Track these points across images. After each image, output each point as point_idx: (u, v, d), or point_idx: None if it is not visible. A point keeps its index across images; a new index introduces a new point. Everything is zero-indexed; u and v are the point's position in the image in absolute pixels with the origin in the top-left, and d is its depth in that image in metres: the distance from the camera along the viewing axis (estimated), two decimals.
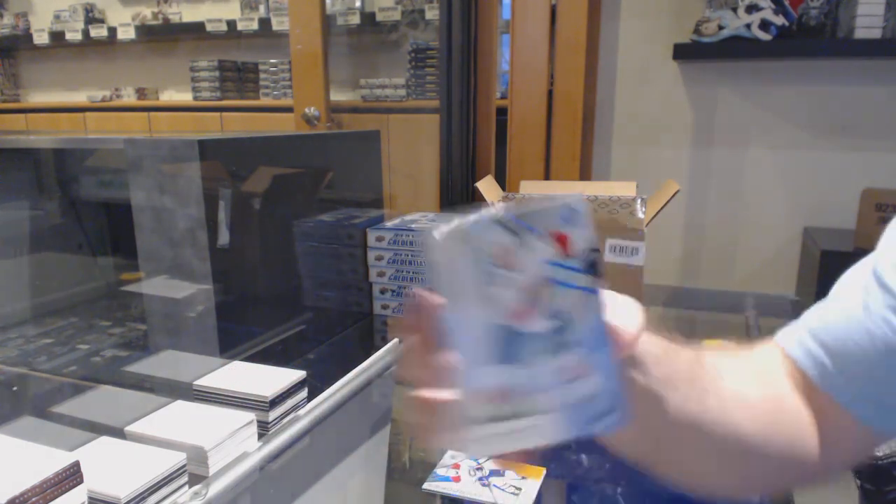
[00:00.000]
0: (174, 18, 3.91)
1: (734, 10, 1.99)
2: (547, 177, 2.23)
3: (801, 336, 0.61)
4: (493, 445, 0.40)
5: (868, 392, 0.56)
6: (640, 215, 1.28)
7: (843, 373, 0.57)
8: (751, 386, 0.57)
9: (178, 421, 0.90)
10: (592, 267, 0.40)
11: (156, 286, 1.22)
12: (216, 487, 0.83)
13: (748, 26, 1.96)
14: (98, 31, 3.94)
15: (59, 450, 0.74)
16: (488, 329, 0.39)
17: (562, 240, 0.40)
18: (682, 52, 2.09)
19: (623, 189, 1.39)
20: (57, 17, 4.09)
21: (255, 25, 3.59)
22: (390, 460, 1.00)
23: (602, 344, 0.41)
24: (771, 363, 0.61)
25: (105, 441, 0.85)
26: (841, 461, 0.61)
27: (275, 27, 3.52)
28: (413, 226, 1.46)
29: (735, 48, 2.01)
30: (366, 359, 1.14)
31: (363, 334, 1.46)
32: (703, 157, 2.21)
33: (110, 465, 0.79)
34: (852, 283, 0.61)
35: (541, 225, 0.40)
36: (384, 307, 1.48)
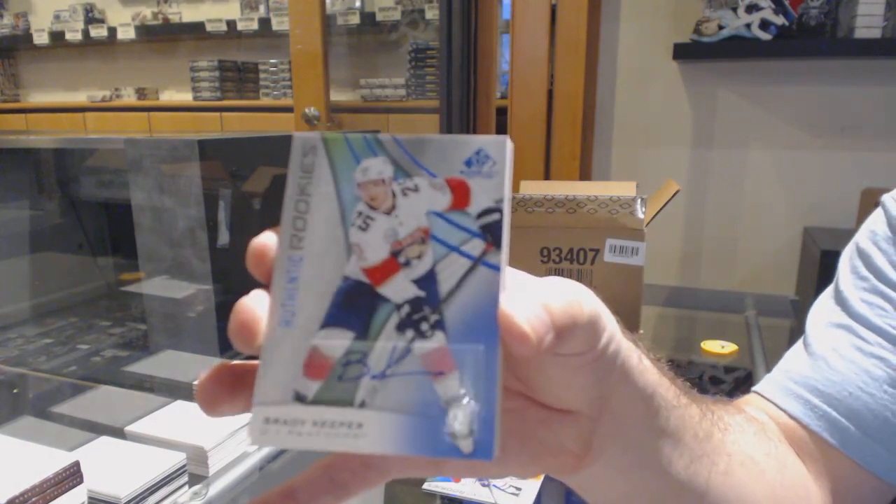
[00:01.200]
0: (174, 18, 3.90)
1: (734, 9, 1.98)
2: (547, 176, 2.23)
3: (793, 388, 0.59)
4: (287, 437, 0.29)
5: (882, 441, 0.55)
6: (640, 215, 1.28)
7: (854, 425, 0.56)
8: (756, 445, 0.52)
9: (178, 421, 0.90)
10: (487, 231, 0.30)
11: (156, 286, 1.22)
12: (216, 487, 0.83)
13: (748, 26, 1.96)
14: (98, 31, 3.94)
15: (59, 450, 0.75)
16: (331, 279, 0.30)
17: (460, 189, 0.31)
18: (682, 52, 2.09)
19: (623, 189, 1.39)
20: (57, 17, 4.09)
21: (255, 25, 3.58)
22: None
23: (481, 336, 0.29)
24: (761, 418, 0.58)
25: (105, 441, 0.85)
26: None
27: (275, 27, 3.52)
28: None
29: (735, 48, 2.01)
30: None
31: None
32: (703, 157, 2.21)
33: (110, 464, 0.79)
34: (828, 323, 0.61)
35: (439, 167, 0.31)
36: None
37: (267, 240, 0.31)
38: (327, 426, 0.28)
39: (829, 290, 0.65)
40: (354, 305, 0.30)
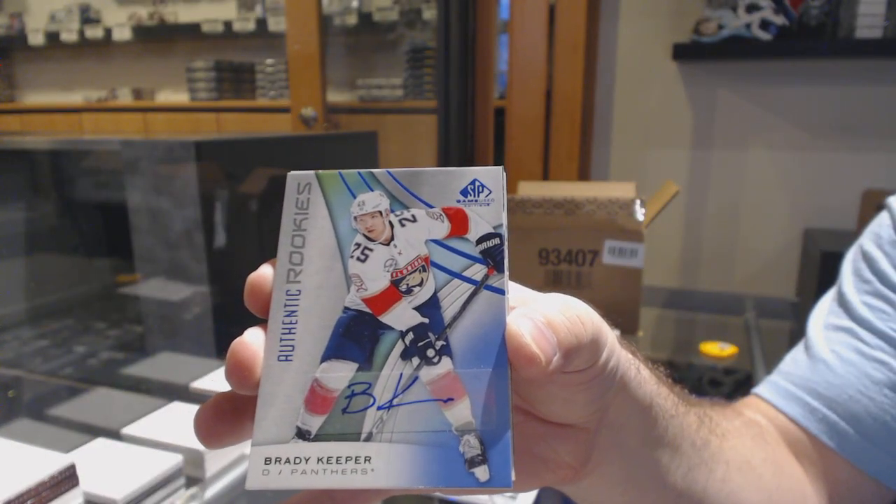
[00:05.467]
0: (170, 19, 3.90)
1: (734, 9, 1.98)
2: (545, 177, 2.22)
3: (793, 391, 0.59)
4: (290, 477, 0.27)
5: (882, 444, 0.55)
6: (640, 217, 1.28)
7: (853, 428, 0.56)
8: (753, 450, 0.52)
9: (175, 423, 0.90)
10: (488, 255, 0.30)
11: (152, 288, 1.22)
12: (213, 490, 0.83)
13: (748, 26, 1.96)
14: (94, 32, 3.93)
15: (54, 452, 0.74)
16: (331, 311, 0.30)
17: (458, 217, 0.31)
18: (682, 53, 2.08)
19: (622, 190, 1.38)
20: (52, 18, 4.08)
21: (251, 26, 3.58)
22: None
23: (490, 360, 0.28)
24: (760, 421, 0.59)
25: (101, 443, 0.85)
26: None
27: (271, 27, 3.52)
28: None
29: (735, 48, 2.00)
30: None
31: None
32: (703, 158, 2.21)
33: (106, 467, 0.79)
34: (829, 326, 0.61)
35: (436, 198, 0.31)
36: None
37: (263, 274, 0.31)
38: (333, 462, 0.27)
39: (832, 292, 0.65)
40: (356, 336, 0.29)
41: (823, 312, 0.63)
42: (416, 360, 0.29)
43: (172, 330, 1.22)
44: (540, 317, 0.29)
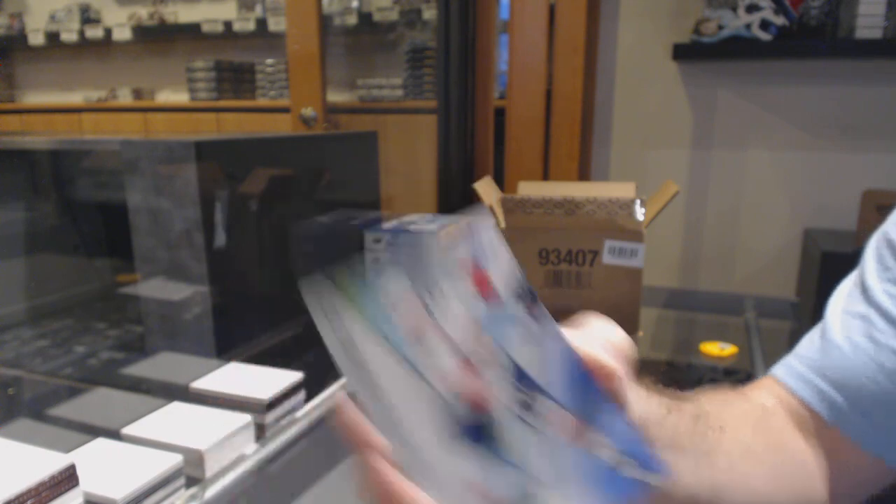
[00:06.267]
0: (170, 19, 3.90)
1: (734, 9, 1.98)
2: (545, 177, 2.22)
3: (805, 373, 0.60)
4: None
5: (890, 430, 0.56)
6: (640, 217, 1.28)
7: (861, 413, 0.56)
8: (754, 436, 0.54)
9: (175, 423, 0.90)
10: (520, 296, 0.30)
11: (152, 288, 1.21)
12: (213, 490, 0.83)
13: (748, 26, 1.96)
14: (94, 32, 3.93)
15: (54, 452, 0.74)
16: (439, 427, 0.29)
17: (481, 281, 0.30)
18: (682, 53, 2.08)
19: (622, 190, 1.38)
20: (52, 18, 4.08)
21: (251, 26, 3.58)
22: None
23: (585, 388, 0.29)
24: (768, 404, 0.60)
25: (101, 443, 0.84)
26: (852, 498, 0.60)
27: (271, 27, 3.52)
28: (411, 227, 1.46)
29: (735, 48, 2.00)
30: None
31: None
32: (703, 158, 2.21)
33: (106, 467, 0.79)
34: (846, 311, 0.62)
35: (455, 270, 0.30)
36: None
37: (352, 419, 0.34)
38: None
39: (854, 275, 0.66)
40: (475, 436, 0.29)
41: (843, 296, 0.64)
42: (530, 418, 0.29)
43: (172, 330, 1.22)
44: (613, 342, 0.34)
